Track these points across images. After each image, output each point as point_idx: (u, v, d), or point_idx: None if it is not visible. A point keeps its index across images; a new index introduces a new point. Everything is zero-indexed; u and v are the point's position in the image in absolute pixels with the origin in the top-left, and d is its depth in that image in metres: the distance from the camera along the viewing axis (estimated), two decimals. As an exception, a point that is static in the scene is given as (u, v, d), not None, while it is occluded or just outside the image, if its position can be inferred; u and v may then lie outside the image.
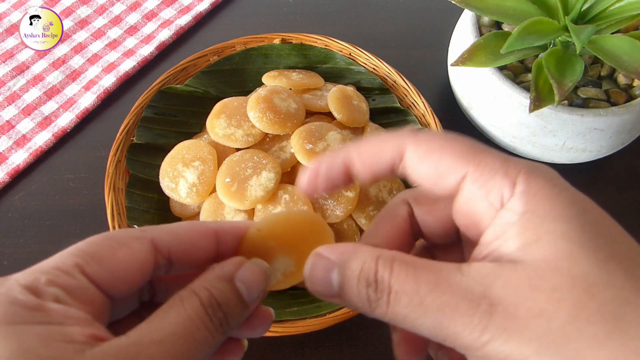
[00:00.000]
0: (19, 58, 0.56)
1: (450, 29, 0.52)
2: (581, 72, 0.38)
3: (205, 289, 0.19)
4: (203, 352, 0.18)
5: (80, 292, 0.18)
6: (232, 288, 0.20)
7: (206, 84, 0.49)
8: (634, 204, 0.49)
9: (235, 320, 0.20)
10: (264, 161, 0.41)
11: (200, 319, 0.18)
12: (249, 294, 0.20)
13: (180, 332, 0.18)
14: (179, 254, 0.21)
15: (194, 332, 0.18)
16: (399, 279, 0.18)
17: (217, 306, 0.19)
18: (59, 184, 0.49)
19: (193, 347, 0.18)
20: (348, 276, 0.19)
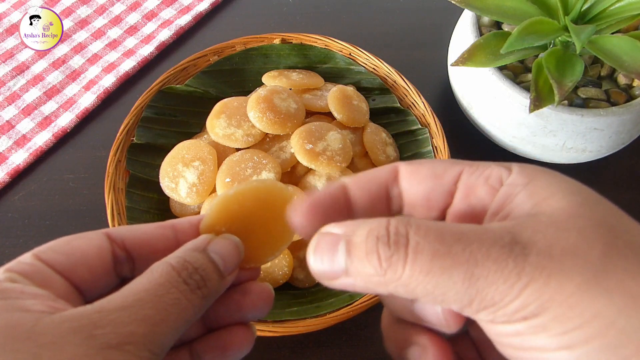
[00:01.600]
0: (19, 58, 0.56)
1: (450, 29, 0.52)
2: (581, 72, 0.38)
3: (178, 257, 0.19)
4: (177, 316, 0.18)
5: (38, 275, 0.19)
6: (206, 257, 0.20)
7: (206, 84, 0.49)
8: (634, 204, 0.49)
9: (214, 288, 0.20)
10: (264, 161, 0.41)
11: (170, 283, 0.18)
12: (224, 265, 0.20)
13: (148, 297, 0.18)
14: (134, 244, 0.21)
15: (163, 294, 0.18)
16: (420, 230, 0.16)
17: (192, 269, 0.19)
18: (59, 184, 0.49)
19: (163, 310, 0.17)
20: (355, 241, 0.17)
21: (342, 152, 0.42)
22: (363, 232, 0.17)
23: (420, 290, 0.16)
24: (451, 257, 0.16)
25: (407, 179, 0.20)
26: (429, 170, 0.20)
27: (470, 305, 0.16)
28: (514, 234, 0.16)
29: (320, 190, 0.20)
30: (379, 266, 0.16)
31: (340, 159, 0.42)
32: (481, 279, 0.16)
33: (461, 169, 0.19)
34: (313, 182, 0.42)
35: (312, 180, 0.42)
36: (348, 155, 0.43)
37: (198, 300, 0.19)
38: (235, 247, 0.21)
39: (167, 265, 0.19)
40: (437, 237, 0.16)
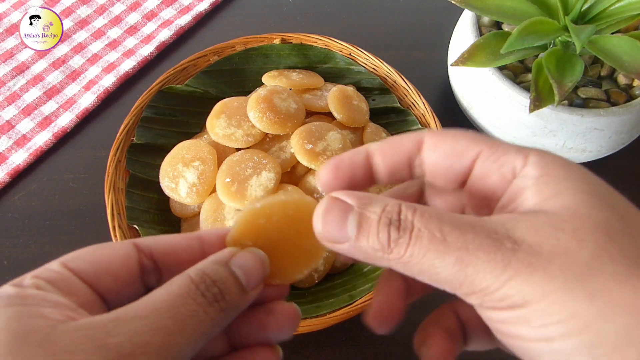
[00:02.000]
0: (19, 58, 0.56)
1: (450, 29, 0.52)
2: (581, 72, 0.38)
3: (198, 269, 0.19)
4: (194, 328, 0.18)
5: (63, 283, 0.18)
6: (228, 270, 0.20)
7: (206, 84, 0.49)
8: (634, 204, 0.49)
9: (234, 303, 0.19)
10: (264, 161, 0.41)
11: (188, 294, 0.18)
12: (247, 279, 0.20)
13: (165, 308, 0.17)
14: (161, 254, 0.21)
15: (180, 306, 0.18)
16: (423, 218, 0.18)
17: (211, 282, 0.19)
18: (59, 184, 0.49)
19: (180, 321, 0.17)
20: (367, 217, 0.18)
21: (342, 152, 0.42)
22: (377, 209, 0.18)
23: (416, 269, 0.18)
24: (446, 244, 0.17)
25: (429, 151, 0.21)
26: (450, 147, 0.20)
27: (460, 288, 0.18)
28: (508, 229, 0.17)
29: (348, 153, 0.22)
30: (387, 246, 0.18)
31: (340, 159, 0.42)
32: (470, 266, 0.17)
33: (480, 150, 0.20)
34: (313, 182, 0.42)
35: (312, 180, 0.42)
36: (348, 155, 0.42)
37: (216, 313, 0.18)
38: (259, 261, 0.21)
39: (186, 277, 0.19)
40: (436, 225, 0.18)
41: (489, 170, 0.20)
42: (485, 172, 0.20)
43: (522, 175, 0.19)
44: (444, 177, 0.21)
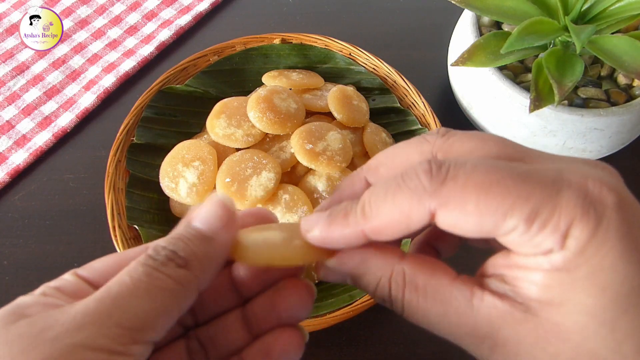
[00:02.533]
0: (19, 58, 0.56)
1: (450, 29, 0.52)
2: (581, 72, 0.38)
3: (155, 243, 0.19)
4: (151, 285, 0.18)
5: (71, 288, 0.19)
6: (186, 229, 0.20)
7: (206, 84, 0.49)
8: (634, 204, 0.49)
9: (199, 253, 0.19)
10: (264, 161, 0.41)
11: (129, 275, 0.18)
12: (208, 226, 0.19)
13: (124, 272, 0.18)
14: None
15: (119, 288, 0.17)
16: (411, 306, 0.19)
17: (160, 247, 0.19)
18: (59, 184, 0.49)
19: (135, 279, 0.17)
20: (365, 286, 0.20)
21: (342, 152, 0.42)
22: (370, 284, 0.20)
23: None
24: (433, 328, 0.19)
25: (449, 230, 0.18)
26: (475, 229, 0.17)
27: None
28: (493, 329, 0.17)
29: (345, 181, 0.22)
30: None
31: (340, 159, 0.42)
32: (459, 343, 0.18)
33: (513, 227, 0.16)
34: (313, 182, 0.42)
35: (312, 180, 0.42)
36: (348, 155, 0.43)
37: (173, 270, 0.18)
38: (219, 204, 0.20)
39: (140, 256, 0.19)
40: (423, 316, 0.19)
41: (521, 248, 0.17)
42: (516, 247, 0.17)
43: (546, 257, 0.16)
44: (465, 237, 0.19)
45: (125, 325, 0.17)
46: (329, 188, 0.42)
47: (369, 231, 0.19)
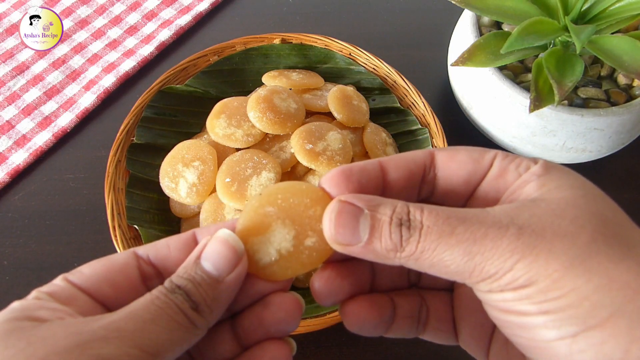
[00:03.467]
0: (19, 58, 0.56)
1: (450, 29, 0.52)
2: (581, 72, 0.38)
3: (170, 281, 0.20)
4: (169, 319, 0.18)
5: (63, 294, 0.20)
6: (196, 270, 0.20)
7: (206, 84, 0.49)
8: (634, 204, 0.49)
9: (208, 298, 0.20)
10: (264, 161, 0.41)
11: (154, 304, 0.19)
12: (216, 269, 0.20)
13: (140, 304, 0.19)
14: (158, 259, 0.22)
15: (154, 300, 0.19)
16: (431, 216, 0.19)
17: (176, 289, 0.19)
18: (59, 184, 0.49)
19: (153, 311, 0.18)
20: (379, 219, 0.19)
21: (342, 152, 0.42)
22: (387, 211, 0.19)
23: (427, 263, 0.19)
24: (453, 236, 0.18)
25: (445, 164, 0.22)
26: (466, 156, 0.21)
27: (470, 277, 0.19)
28: (512, 216, 0.19)
29: (356, 163, 0.21)
30: (399, 245, 0.19)
31: (340, 159, 0.42)
32: (478, 255, 0.18)
33: (495, 153, 0.21)
34: (313, 182, 0.42)
35: (312, 181, 0.42)
36: (348, 155, 0.43)
37: (188, 310, 0.19)
38: (227, 246, 0.21)
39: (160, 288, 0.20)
40: (444, 221, 0.19)
41: (507, 168, 0.21)
42: (503, 169, 0.21)
43: (530, 172, 0.20)
44: (461, 188, 0.22)
45: (145, 348, 0.18)
46: (329, 188, 0.41)
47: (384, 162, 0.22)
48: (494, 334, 0.23)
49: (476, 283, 0.19)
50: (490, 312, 0.20)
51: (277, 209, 0.22)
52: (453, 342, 0.24)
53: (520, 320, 0.19)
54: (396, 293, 0.24)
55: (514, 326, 0.19)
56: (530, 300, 0.18)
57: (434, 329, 0.24)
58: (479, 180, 0.21)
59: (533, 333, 0.18)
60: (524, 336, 0.19)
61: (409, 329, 0.24)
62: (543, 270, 0.18)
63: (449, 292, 0.25)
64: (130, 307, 0.19)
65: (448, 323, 0.24)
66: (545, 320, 0.18)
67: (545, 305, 0.18)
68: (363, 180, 0.21)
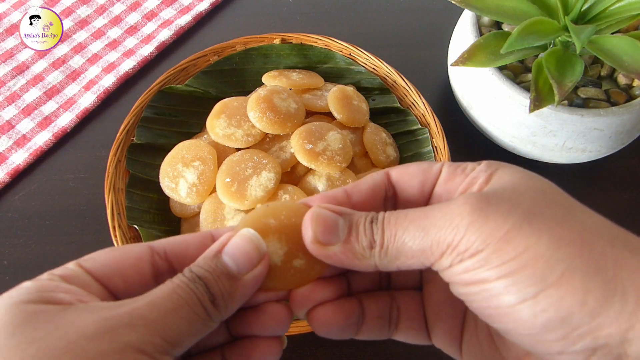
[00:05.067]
0: (19, 58, 0.56)
1: (450, 29, 0.52)
2: (581, 72, 0.38)
3: (190, 270, 0.20)
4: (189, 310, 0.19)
5: (76, 279, 0.20)
6: (216, 263, 0.20)
7: (206, 84, 0.49)
8: (634, 204, 0.49)
9: (226, 291, 0.20)
10: (264, 161, 0.41)
11: (176, 293, 0.19)
12: (236, 264, 0.21)
13: (162, 293, 0.19)
14: (174, 254, 0.22)
15: (176, 289, 0.19)
16: (393, 213, 0.21)
17: (196, 279, 0.20)
18: (59, 184, 0.49)
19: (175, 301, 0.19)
20: (355, 220, 0.21)
21: (342, 152, 0.42)
22: (361, 215, 0.22)
23: (394, 252, 0.21)
24: (408, 217, 0.20)
25: (398, 178, 0.24)
26: (416, 168, 0.23)
27: (431, 251, 0.20)
28: (458, 196, 0.21)
29: (326, 192, 0.23)
30: (371, 240, 0.21)
31: (340, 159, 0.42)
32: (432, 227, 0.20)
33: (443, 162, 0.23)
34: (313, 182, 0.42)
35: (312, 180, 0.42)
36: (348, 155, 0.43)
37: (201, 308, 0.19)
38: (250, 243, 0.21)
39: (180, 277, 0.20)
40: (402, 213, 0.21)
41: (454, 172, 0.22)
42: (451, 173, 0.22)
43: (476, 170, 0.22)
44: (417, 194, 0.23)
45: (166, 338, 0.18)
46: (329, 188, 0.42)
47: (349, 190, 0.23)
48: (464, 325, 0.24)
49: (438, 259, 0.20)
50: (457, 290, 0.21)
51: (278, 223, 0.22)
52: (426, 340, 0.25)
53: (483, 289, 0.19)
54: (365, 295, 0.24)
55: (479, 298, 0.20)
56: (489, 264, 0.19)
57: (405, 327, 0.24)
58: (431, 186, 0.23)
59: (497, 301, 0.19)
60: (489, 306, 0.20)
61: (379, 329, 0.24)
62: (495, 232, 0.19)
63: (419, 290, 0.25)
64: (152, 295, 0.19)
65: (419, 321, 0.25)
66: (506, 284, 0.18)
67: (503, 268, 0.18)
68: None
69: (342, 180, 0.42)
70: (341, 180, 0.42)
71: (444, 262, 0.20)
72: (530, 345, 0.19)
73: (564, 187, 0.21)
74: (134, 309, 0.18)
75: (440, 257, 0.20)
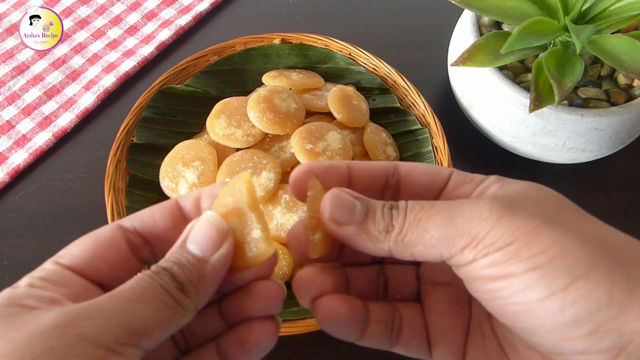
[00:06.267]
0: (19, 58, 0.56)
1: (450, 29, 0.52)
2: (581, 72, 0.38)
3: (156, 265, 0.20)
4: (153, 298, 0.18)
5: (55, 277, 0.20)
6: (181, 252, 0.20)
7: (206, 84, 0.49)
8: (634, 204, 0.49)
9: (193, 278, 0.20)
10: (264, 161, 0.41)
11: (138, 284, 0.19)
12: (200, 249, 0.20)
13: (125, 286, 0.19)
14: (145, 228, 0.22)
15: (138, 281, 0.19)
16: (419, 202, 0.21)
17: (161, 270, 0.20)
18: (59, 184, 0.49)
19: (137, 291, 0.18)
20: (373, 204, 0.22)
21: (342, 152, 0.42)
22: (378, 202, 0.22)
23: (414, 238, 0.20)
24: (434, 207, 0.20)
25: (408, 172, 0.24)
26: (426, 167, 0.24)
27: (454, 243, 0.20)
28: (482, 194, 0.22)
29: (324, 161, 0.23)
30: (390, 224, 0.21)
31: (340, 159, 0.42)
32: (459, 217, 0.20)
33: (452, 170, 0.23)
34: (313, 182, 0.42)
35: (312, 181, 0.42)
36: (348, 155, 0.43)
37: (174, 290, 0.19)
38: (210, 226, 0.21)
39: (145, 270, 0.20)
40: (427, 203, 0.21)
41: (463, 181, 0.23)
42: (460, 182, 0.23)
43: (487, 181, 0.22)
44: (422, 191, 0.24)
45: (128, 327, 0.17)
46: (329, 188, 0.42)
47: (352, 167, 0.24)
48: (468, 338, 0.24)
49: (459, 252, 0.20)
50: (478, 287, 0.20)
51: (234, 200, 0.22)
52: (426, 355, 0.24)
53: (509, 284, 0.19)
54: (369, 300, 0.24)
55: (504, 295, 0.19)
56: (517, 258, 0.19)
57: (407, 337, 0.24)
58: (439, 190, 0.23)
59: (523, 296, 0.19)
60: (515, 302, 0.19)
61: (382, 335, 0.24)
62: (523, 226, 0.19)
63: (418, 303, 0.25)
64: (115, 290, 0.19)
65: (421, 331, 0.24)
66: (535, 277, 0.18)
67: (532, 261, 0.18)
68: (329, 176, 0.23)
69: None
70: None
71: (466, 256, 0.20)
72: (553, 343, 0.19)
73: (564, 187, 0.22)
74: (94, 302, 0.18)
75: (462, 251, 0.20)
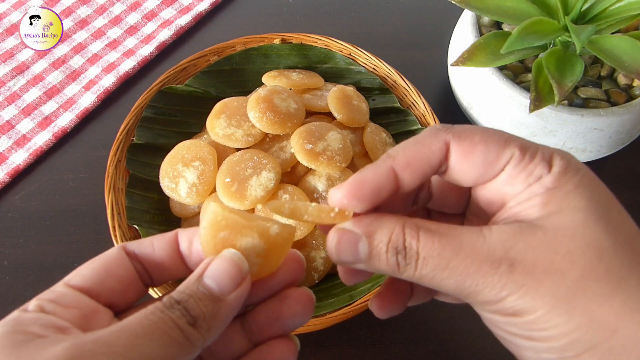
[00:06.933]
0: (19, 58, 0.56)
1: (450, 29, 0.52)
2: (581, 72, 0.38)
3: (169, 296, 0.20)
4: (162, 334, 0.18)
5: (65, 299, 0.20)
6: (198, 286, 0.20)
7: (206, 84, 0.49)
8: (634, 204, 0.49)
9: (207, 314, 0.19)
10: (264, 161, 0.41)
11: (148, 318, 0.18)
12: (218, 286, 0.20)
13: (134, 319, 0.18)
14: (144, 255, 0.23)
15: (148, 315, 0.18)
16: (426, 246, 0.20)
17: (175, 303, 0.19)
18: (59, 184, 0.49)
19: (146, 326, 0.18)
20: (376, 246, 0.21)
21: (342, 152, 0.42)
22: (384, 238, 0.21)
23: (426, 284, 0.21)
24: (448, 270, 0.20)
25: (457, 164, 0.21)
26: (482, 156, 0.21)
27: (465, 299, 0.21)
28: (507, 248, 0.19)
29: (368, 170, 0.21)
30: (397, 269, 0.21)
31: (340, 159, 0.42)
32: (472, 287, 0.20)
33: (512, 155, 0.21)
34: (313, 182, 0.42)
35: (312, 180, 0.42)
36: (348, 155, 0.43)
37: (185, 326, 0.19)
38: (232, 264, 0.20)
39: (158, 304, 0.19)
40: (439, 253, 0.20)
41: (517, 176, 0.21)
42: (513, 177, 0.21)
43: (538, 183, 0.20)
44: (467, 183, 0.22)
45: None
46: (329, 188, 0.42)
47: (397, 166, 0.21)
48: None
49: (471, 303, 0.21)
50: (485, 320, 0.22)
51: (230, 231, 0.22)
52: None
53: (509, 337, 0.21)
54: None
55: (504, 340, 0.22)
56: (518, 327, 0.20)
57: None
58: (487, 181, 0.22)
59: (519, 349, 0.21)
60: (512, 348, 0.21)
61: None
62: (530, 307, 0.19)
63: None
64: (124, 322, 0.18)
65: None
66: (530, 344, 0.20)
67: (530, 333, 0.20)
68: (377, 189, 0.21)
69: (342, 180, 0.42)
70: (341, 181, 0.42)
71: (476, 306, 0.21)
72: None
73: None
74: (100, 337, 0.17)
75: (472, 303, 0.21)
